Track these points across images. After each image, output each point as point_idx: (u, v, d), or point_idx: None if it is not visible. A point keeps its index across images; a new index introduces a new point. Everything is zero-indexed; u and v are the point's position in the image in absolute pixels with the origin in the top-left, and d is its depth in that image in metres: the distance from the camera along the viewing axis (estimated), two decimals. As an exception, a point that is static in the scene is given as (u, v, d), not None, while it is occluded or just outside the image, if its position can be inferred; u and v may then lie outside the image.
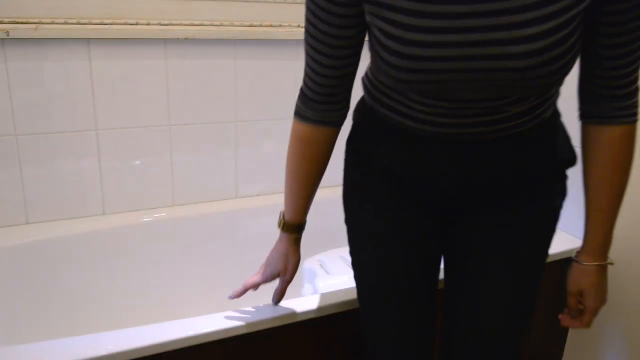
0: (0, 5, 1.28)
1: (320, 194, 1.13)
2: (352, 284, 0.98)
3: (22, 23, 1.30)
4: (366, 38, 0.76)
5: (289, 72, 1.66)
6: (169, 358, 0.97)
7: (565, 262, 1.43)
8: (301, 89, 0.81)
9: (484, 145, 0.73)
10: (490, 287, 0.81)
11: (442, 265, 0.91)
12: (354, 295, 1.09)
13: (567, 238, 1.47)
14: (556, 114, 0.79)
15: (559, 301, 1.52)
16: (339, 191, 0.96)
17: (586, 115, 0.73)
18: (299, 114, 0.83)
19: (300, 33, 1.63)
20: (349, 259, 0.97)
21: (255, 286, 1.01)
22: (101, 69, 1.41)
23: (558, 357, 1.55)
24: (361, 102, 0.87)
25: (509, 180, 0.77)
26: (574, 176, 0.98)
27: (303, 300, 1.10)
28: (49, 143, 1.41)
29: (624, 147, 0.72)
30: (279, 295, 1.04)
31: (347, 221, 0.93)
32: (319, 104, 0.79)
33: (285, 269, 0.99)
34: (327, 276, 1.40)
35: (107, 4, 1.38)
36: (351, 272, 0.96)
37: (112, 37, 1.39)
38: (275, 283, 1.04)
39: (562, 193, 0.82)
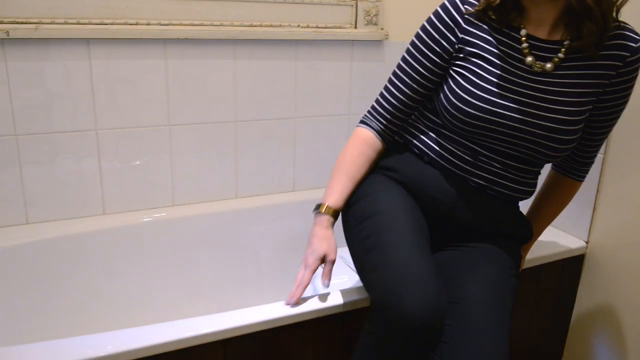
0: (0, 5, 1.28)
1: (319, 195, 1.13)
2: (351, 284, 0.98)
3: (22, 23, 1.31)
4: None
5: (289, 72, 1.66)
6: (169, 358, 0.97)
7: (566, 262, 1.43)
8: (372, 107, 1.11)
9: (477, 195, 1.04)
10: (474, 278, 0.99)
11: None
12: (354, 295, 1.10)
13: (566, 238, 1.47)
14: (518, 210, 1.13)
15: (558, 300, 1.52)
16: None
17: (556, 166, 1.18)
18: (365, 122, 1.12)
19: (299, 33, 1.64)
20: (348, 259, 0.97)
21: (308, 283, 1.06)
22: (101, 69, 1.41)
23: (558, 356, 1.55)
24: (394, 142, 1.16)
25: (488, 226, 1.06)
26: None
27: (303, 300, 1.10)
28: (49, 143, 1.41)
29: (570, 191, 1.18)
30: (328, 276, 1.06)
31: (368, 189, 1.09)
32: (383, 119, 1.10)
33: (329, 250, 1.06)
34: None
35: (107, 4, 1.38)
36: (350, 272, 0.96)
37: (112, 37, 1.39)
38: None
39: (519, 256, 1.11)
